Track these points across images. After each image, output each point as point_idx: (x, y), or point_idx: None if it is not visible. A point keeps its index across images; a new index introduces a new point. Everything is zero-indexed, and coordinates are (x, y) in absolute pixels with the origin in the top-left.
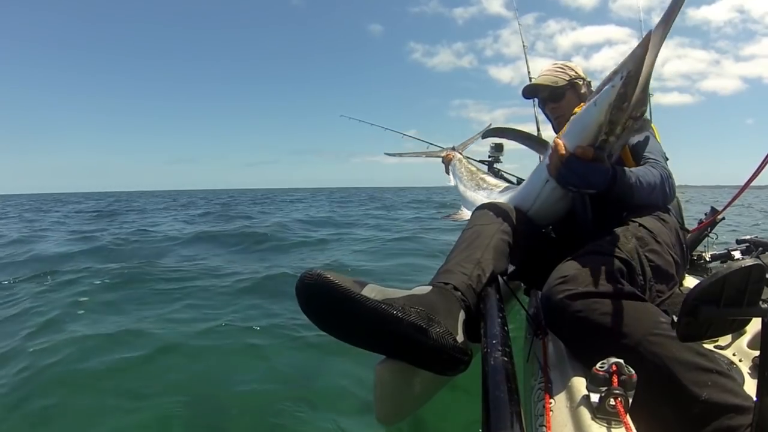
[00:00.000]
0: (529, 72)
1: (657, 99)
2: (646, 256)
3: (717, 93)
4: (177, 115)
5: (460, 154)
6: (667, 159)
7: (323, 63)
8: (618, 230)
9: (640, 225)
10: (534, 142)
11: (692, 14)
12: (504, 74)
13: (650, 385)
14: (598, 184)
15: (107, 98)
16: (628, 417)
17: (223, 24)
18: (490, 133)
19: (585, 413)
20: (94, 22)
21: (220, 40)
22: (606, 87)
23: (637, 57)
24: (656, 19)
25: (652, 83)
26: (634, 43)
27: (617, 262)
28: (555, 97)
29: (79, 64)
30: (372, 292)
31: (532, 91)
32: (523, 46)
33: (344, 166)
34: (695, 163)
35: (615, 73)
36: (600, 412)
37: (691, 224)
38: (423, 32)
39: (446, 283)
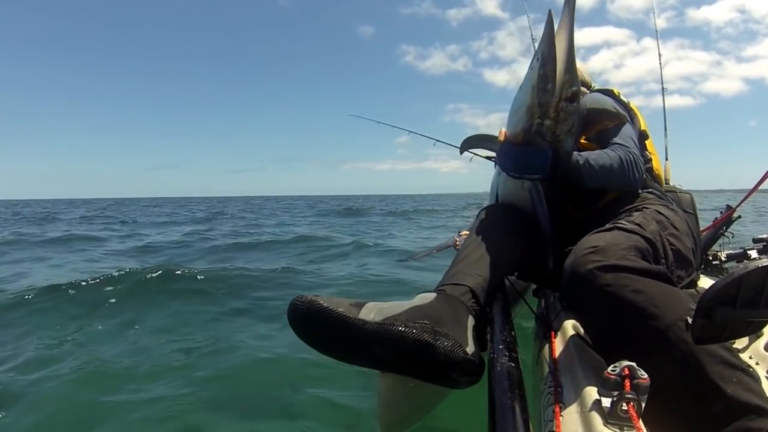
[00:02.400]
0: None
1: (658, 101)
2: (667, 239)
3: (719, 95)
4: (158, 118)
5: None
6: (647, 137)
7: (311, 66)
8: (636, 213)
9: (656, 211)
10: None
11: (692, 15)
12: (499, 77)
13: (676, 374)
14: (537, 167)
15: (83, 100)
16: (641, 422)
17: (207, 26)
18: (464, 147)
19: (596, 419)
20: (74, 21)
21: (203, 43)
22: (528, 71)
23: (546, 37)
24: (657, 20)
25: (653, 86)
26: (633, 44)
27: (643, 242)
28: None
29: (51, 63)
30: (370, 313)
31: None
32: (532, 40)
33: (333, 173)
34: (697, 167)
35: (534, 56)
36: (612, 417)
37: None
38: (415, 34)
39: (457, 284)
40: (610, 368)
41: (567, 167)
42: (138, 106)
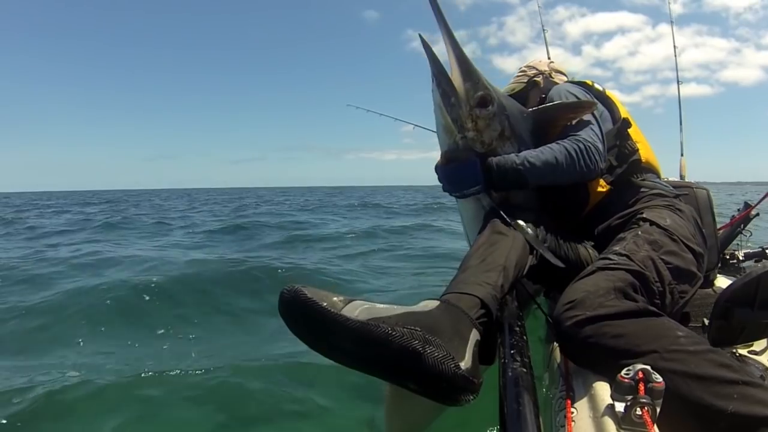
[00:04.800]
0: (548, 56)
1: (674, 90)
2: (662, 259)
3: (737, 84)
4: (154, 107)
5: None
6: (630, 126)
7: (313, 53)
8: (629, 236)
9: (652, 223)
10: None
11: (710, 0)
12: (509, 64)
13: (672, 403)
14: (470, 179)
15: (77, 88)
16: (655, 428)
17: (203, 8)
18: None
19: (609, 424)
20: (63, 4)
21: (200, 27)
22: (432, 94)
23: (429, 57)
24: (673, 5)
25: (669, 74)
26: (648, 30)
27: (628, 276)
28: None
29: (43, 50)
30: (355, 310)
31: None
32: (543, 29)
33: (337, 163)
34: (714, 158)
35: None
36: (625, 422)
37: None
38: (421, 19)
39: (464, 294)
40: (623, 372)
41: (503, 171)
42: (128, 93)
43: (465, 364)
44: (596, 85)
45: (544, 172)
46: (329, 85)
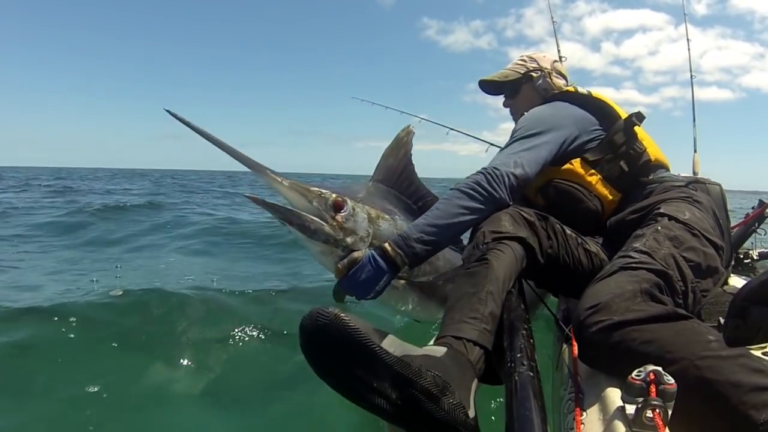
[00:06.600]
0: (559, 52)
1: (696, 93)
2: (683, 256)
3: (760, 89)
4: (155, 80)
5: None
6: (635, 125)
7: (325, 36)
8: (648, 232)
9: (671, 218)
10: None
11: (735, 2)
12: None
13: (703, 412)
14: (377, 272)
15: (76, 56)
16: (667, 430)
17: None
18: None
19: (619, 426)
20: None
21: (210, 8)
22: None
23: (267, 208)
24: (697, 6)
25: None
26: (671, 30)
27: (652, 276)
28: (507, 93)
29: (46, 18)
30: (392, 345)
31: (486, 88)
32: (553, 24)
33: (346, 150)
34: (733, 165)
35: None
36: (636, 425)
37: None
38: (438, 7)
39: (460, 338)
40: (634, 373)
41: (407, 250)
42: (131, 67)
43: (471, 413)
44: (580, 89)
45: (452, 228)
46: (340, 70)
